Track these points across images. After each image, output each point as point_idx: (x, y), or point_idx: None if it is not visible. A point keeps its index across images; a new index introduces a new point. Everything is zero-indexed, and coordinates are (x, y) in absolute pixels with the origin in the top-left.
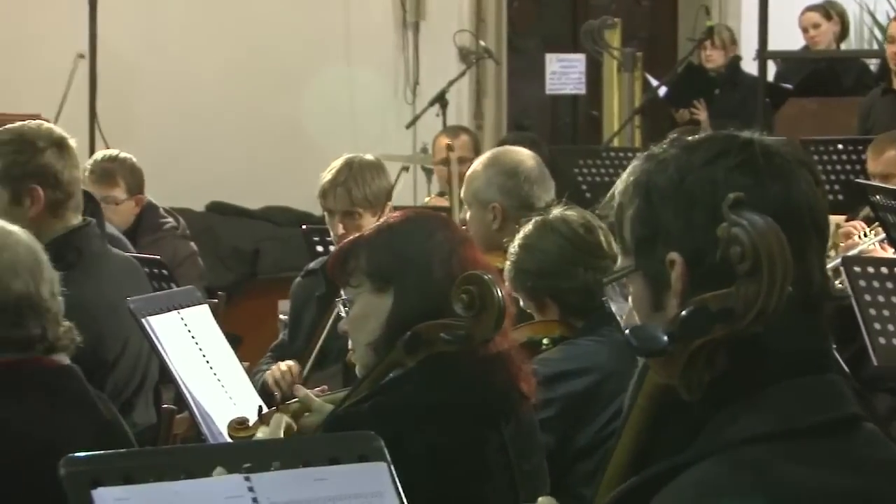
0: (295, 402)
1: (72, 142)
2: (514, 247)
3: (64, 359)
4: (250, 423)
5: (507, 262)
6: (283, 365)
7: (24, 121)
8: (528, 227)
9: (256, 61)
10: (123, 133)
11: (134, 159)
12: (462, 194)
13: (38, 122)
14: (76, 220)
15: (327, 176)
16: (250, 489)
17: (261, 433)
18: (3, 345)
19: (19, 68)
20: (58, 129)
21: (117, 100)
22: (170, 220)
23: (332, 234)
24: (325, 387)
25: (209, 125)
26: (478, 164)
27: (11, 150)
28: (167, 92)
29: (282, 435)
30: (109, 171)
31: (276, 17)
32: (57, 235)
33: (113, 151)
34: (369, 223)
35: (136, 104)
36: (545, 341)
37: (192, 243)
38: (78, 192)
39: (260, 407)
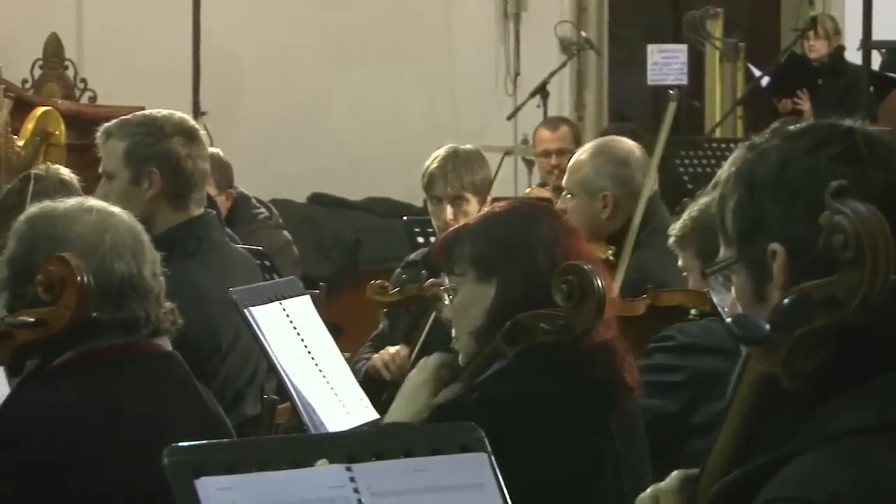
0: (436, 286)
1: (203, 134)
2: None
3: (167, 344)
4: (389, 291)
5: (685, 217)
6: (392, 349)
7: (130, 112)
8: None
9: (358, 53)
10: (226, 126)
11: (221, 153)
12: (564, 183)
13: (171, 111)
14: (198, 211)
15: (433, 164)
16: (352, 479)
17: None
18: (109, 328)
19: (125, 62)
20: (191, 121)
21: (220, 92)
22: (262, 210)
23: (436, 222)
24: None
25: (311, 117)
26: (583, 153)
27: (139, 131)
28: (269, 84)
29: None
30: None
31: (378, 9)
32: (178, 223)
33: None
34: (475, 211)
35: (239, 97)
36: (693, 311)
37: (286, 232)
38: (203, 185)
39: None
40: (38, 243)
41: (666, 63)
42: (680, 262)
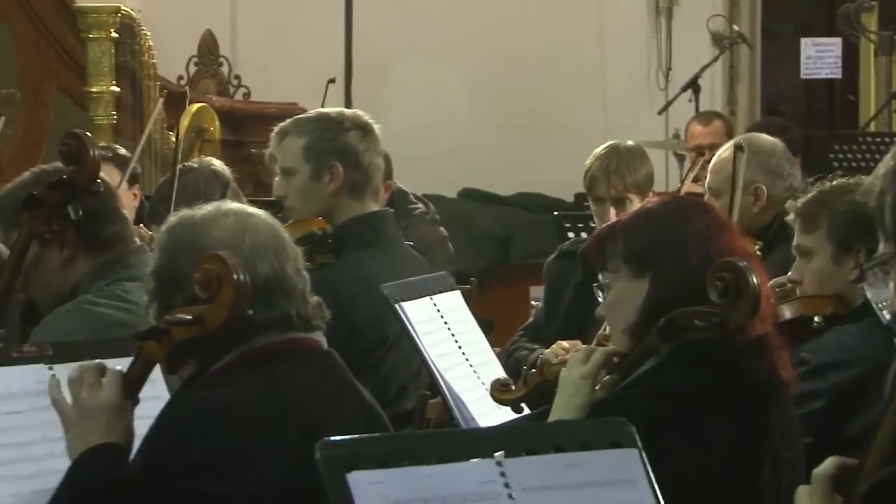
0: (555, 365)
1: (377, 129)
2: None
3: (322, 339)
4: (513, 387)
5: (810, 196)
6: (566, 343)
7: (282, 109)
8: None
9: (509, 47)
10: (377, 121)
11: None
12: (709, 183)
13: (341, 108)
14: (374, 206)
15: (595, 164)
16: (502, 474)
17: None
18: (265, 326)
19: (278, 58)
20: (364, 116)
21: (372, 88)
22: (419, 205)
23: (598, 222)
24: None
25: (462, 112)
26: (725, 151)
27: (317, 127)
28: (421, 79)
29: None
30: None
31: (529, 4)
32: (356, 216)
33: None
34: None
35: (390, 92)
36: (816, 319)
37: (442, 228)
38: (377, 178)
39: (524, 368)
40: (180, 252)
41: (819, 57)
42: (795, 242)
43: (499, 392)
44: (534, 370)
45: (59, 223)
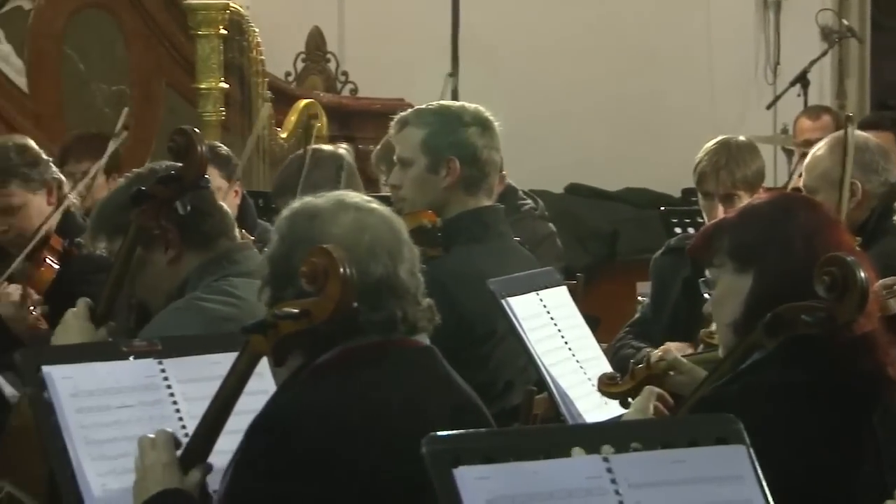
0: (663, 361)
1: (497, 125)
2: None
3: (424, 340)
4: (619, 380)
5: None
6: (676, 345)
7: (389, 104)
8: None
9: (615, 42)
10: None
11: None
12: (804, 183)
13: (464, 103)
14: (486, 201)
15: (704, 159)
16: (608, 470)
17: (632, 408)
18: (366, 328)
19: (385, 54)
20: (485, 112)
21: (478, 82)
22: (528, 202)
23: (707, 217)
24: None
25: (568, 107)
26: (819, 149)
27: (437, 120)
28: (526, 73)
29: (651, 407)
30: None
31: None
32: (468, 210)
33: None
34: None
35: (496, 86)
36: None
37: (551, 224)
38: (493, 175)
39: (632, 363)
40: (297, 245)
41: None
42: None
43: (606, 386)
44: (641, 365)
45: (166, 219)
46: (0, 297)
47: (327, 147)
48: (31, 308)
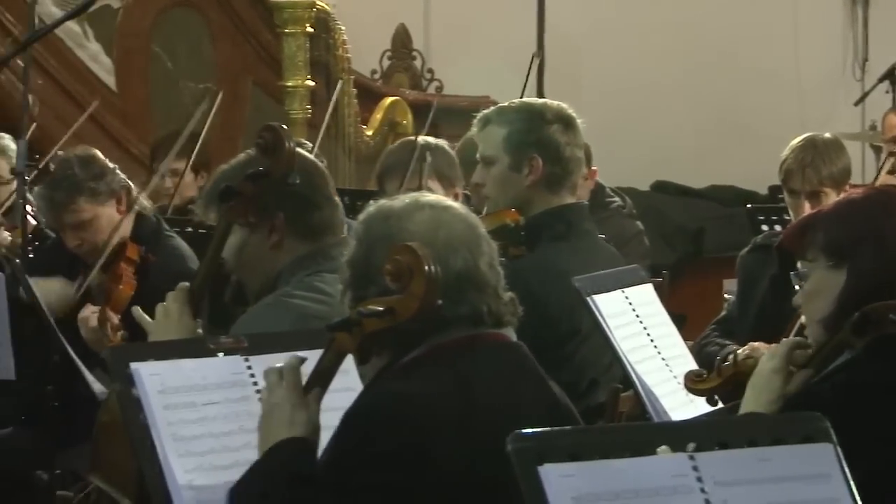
0: (750, 358)
1: (580, 122)
2: None
3: (511, 334)
4: (706, 377)
5: None
6: (762, 345)
7: (474, 102)
8: None
9: (702, 39)
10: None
11: None
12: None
13: (546, 100)
14: (570, 198)
15: (790, 156)
16: (694, 468)
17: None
18: (454, 322)
19: (470, 52)
20: (568, 109)
21: (564, 81)
22: (617, 199)
23: (793, 215)
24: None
25: (654, 104)
26: None
27: (519, 118)
28: (613, 72)
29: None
30: None
31: None
32: (551, 208)
33: None
34: None
35: (583, 85)
36: None
37: (639, 222)
38: (577, 173)
39: (718, 360)
40: (375, 245)
41: None
42: None
43: (692, 382)
44: (728, 362)
45: (255, 215)
46: (80, 320)
47: (431, 139)
48: (111, 328)
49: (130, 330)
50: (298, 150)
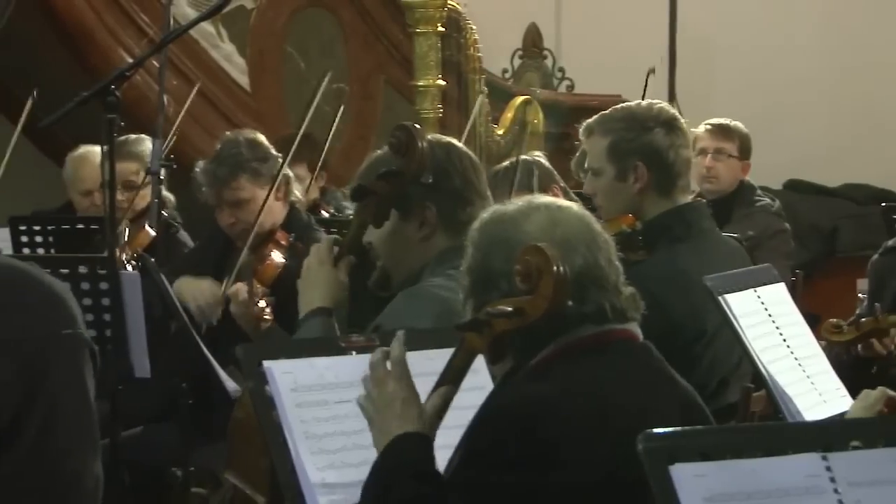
0: (893, 316)
1: (684, 122)
2: None
3: (637, 331)
4: (845, 329)
5: None
6: None
7: (606, 101)
8: None
9: (836, 36)
10: (701, 111)
11: (742, 126)
12: None
13: (651, 101)
14: (684, 198)
15: None
16: (828, 469)
17: (857, 404)
18: (579, 319)
19: (602, 50)
20: (670, 110)
21: (696, 77)
22: (765, 198)
23: None
24: None
25: (787, 102)
26: None
27: (620, 127)
28: (745, 69)
29: (877, 408)
30: (726, 129)
31: None
32: (667, 210)
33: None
34: None
35: (715, 81)
36: None
37: (786, 223)
38: (686, 172)
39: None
40: (493, 249)
41: None
42: None
43: (830, 333)
44: (869, 318)
45: (384, 215)
46: (230, 295)
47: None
48: (257, 300)
49: (276, 307)
50: (456, 145)
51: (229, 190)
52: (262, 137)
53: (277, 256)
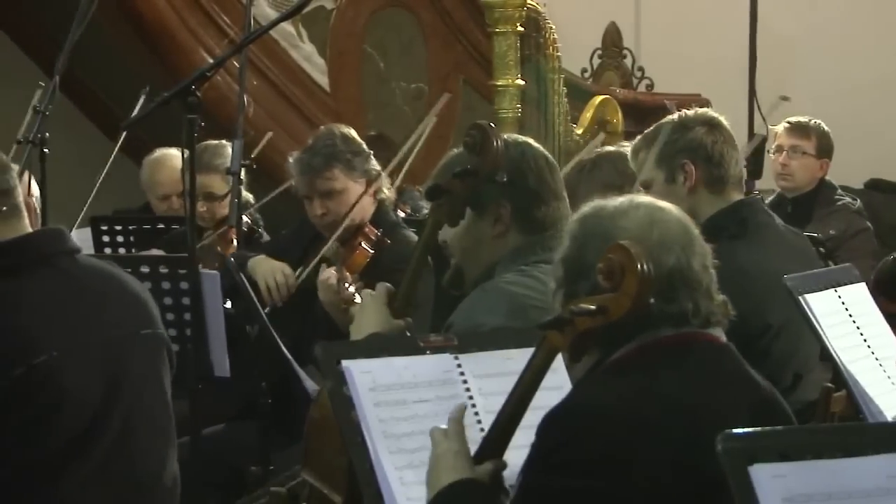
0: None
1: (724, 120)
2: None
3: (720, 335)
4: None
5: None
6: None
7: (685, 100)
8: None
9: None
10: (782, 109)
11: (823, 124)
12: None
13: (685, 111)
14: (737, 195)
15: None
16: None
17: None
18: (661, 320)
19: (682, 50)
20: (711, 112)
21: (776, 77)
22: (846, 197)
23: None
24: None
25: (868, 101)
26: None
27: (661, 134)
28: (826, 68)
29: None
30: (803, 127)
31: None
32: (721, 209)
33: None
34: None
35: (795, 81)
36: None
37: (868, 222)
38: (735, 169)
39: None
40: (588, 241)
41: None
42: None
43: None
44: None
45: (459, 214)
46: (319, 282)
47: (609, 148)
48: (347, 285)
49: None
50: (532, 144)
51: (322, 179)
52: (354, 133)
53: (366, 247)
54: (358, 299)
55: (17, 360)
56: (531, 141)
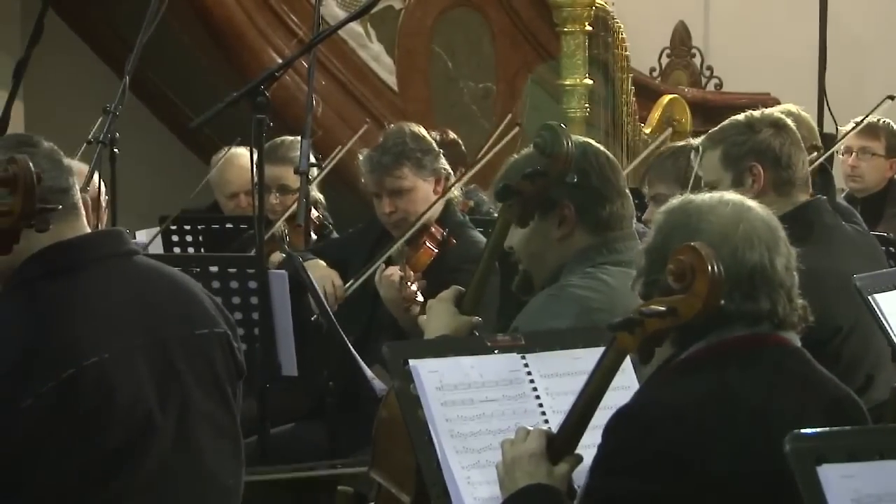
0: None
1: (790, 122)
2: None
3: (793, 338)
4: None
5: None
6: None
7: (754, 99)
8: None
9: None
10: (853, 109)
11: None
12: None
13: (752, 112)
14: (805, 197)
15: None
16: None
17: None
18: (736, 318)
19: (751, 49)
20: (776, 113)
21: (847, 76)
22: None
23: None
24: None
25: None
26: None
27: (728, 135)
28: None
29: None
30: (873, 127)
31: None
32: (787, 212)
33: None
34: None
35: (866, 80)
36: None
37: None
38: (801, 170)
39: None
40: (674, 233)
41: None
42: None
43: None
44: None
45: (529, 215)
46: (381, 279)
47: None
48: (409, 283)
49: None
50: (592, 143)
51: (391, 178)
52: (425, 132)
53: (431, 246)
54: (420, 298)
55: (68, 361)
56: (591, 140)
